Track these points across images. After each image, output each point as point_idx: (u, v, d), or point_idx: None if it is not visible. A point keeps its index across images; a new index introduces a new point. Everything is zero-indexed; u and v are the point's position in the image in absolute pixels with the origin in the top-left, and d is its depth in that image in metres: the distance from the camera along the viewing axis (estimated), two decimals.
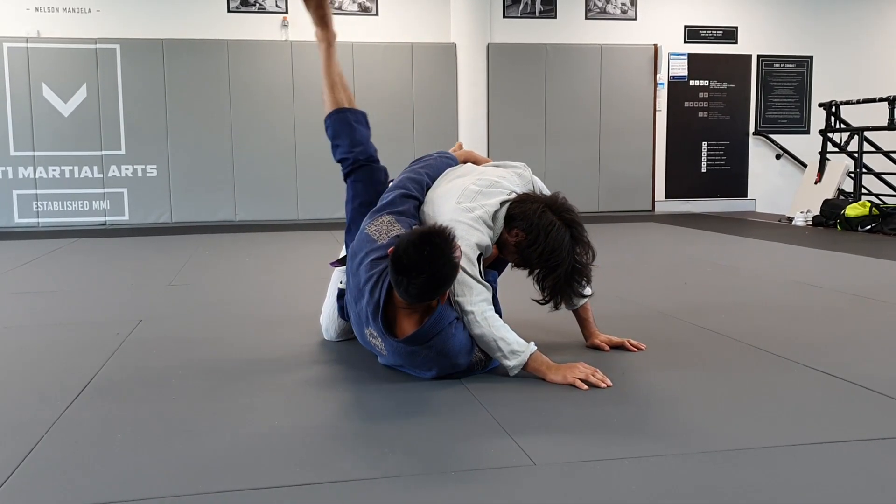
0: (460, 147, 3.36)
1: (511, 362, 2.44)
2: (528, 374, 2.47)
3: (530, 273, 2.57)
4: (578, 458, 1.84)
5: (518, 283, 2.81)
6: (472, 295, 2.45)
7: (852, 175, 8.40)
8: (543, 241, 2.46)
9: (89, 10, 8.58)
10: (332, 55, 3.08)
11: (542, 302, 2.58)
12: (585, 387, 2.35)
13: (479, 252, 2.52)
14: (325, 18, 3.10)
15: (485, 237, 2.54)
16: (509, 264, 2.73)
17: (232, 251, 6.23)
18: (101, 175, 8.60)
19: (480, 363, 2.50)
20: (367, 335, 2.54)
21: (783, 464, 1.80)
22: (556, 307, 2.59)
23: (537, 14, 9.51)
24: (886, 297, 3.88)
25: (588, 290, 2.78)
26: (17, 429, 2.08)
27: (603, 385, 2.37)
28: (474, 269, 2.48)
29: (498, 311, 2.62)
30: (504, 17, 9.43)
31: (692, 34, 9.87)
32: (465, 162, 3.01)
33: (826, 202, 7.90)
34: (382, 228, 2.59)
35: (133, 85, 8.59)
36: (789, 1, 10.06)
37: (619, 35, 9.66)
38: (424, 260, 2.24)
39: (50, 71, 8.41)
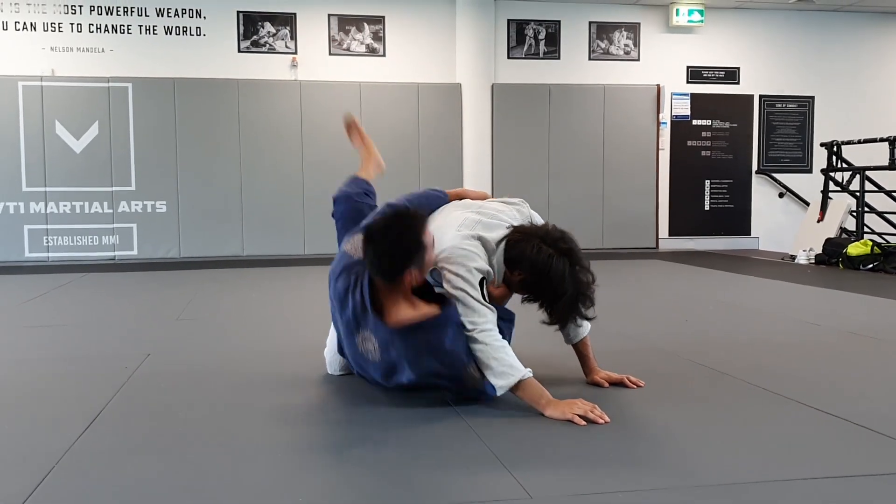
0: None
1: (500, 381, 2.47)
2: (526, 406, 2.51)
3: (541, 306, 2.66)
4: (574, 491, 1.88)
5: (520, 316, 2.86)
6: (476, 317, 2.51)
7: (854, 214, 8.46)
8: (546, 276, 2.55)
9: (103, 50, 8.76)
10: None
11: (549, 323, 2.68)
12: (583, 423, 2.39)
13: (481, 276, 2.57)
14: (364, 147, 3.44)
15: (485, 264, 2.60)
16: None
17: (239, 286, 6.29)
18: (110, 210, 8.71)
19: (473, 380, 2.52)
20: (358, 344, 2.57)
21: (777, 499, 1.84)
22: (564, 327, 2.76)
23: (541, 55, 9.67)
24: (886, 336, 3.91)
25: (586, 325, 2.84)
26: (29, 460, 2.13)
27: (601, 421, 2.40)
28: (477, 293, 2.53)
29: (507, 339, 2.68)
30: (508, 57, 9.59)
31: (694, 74, 10.01)
32: (456, 198, 3.04)
33: (828, 241, 7.95)
34: (358, 244, 2.62)
35: (144, 122, 8.74)
36: (790, 42, 10.21)
37: (622, 75, 9.81)
38: (391, 230, 2.41)
39: (63, 108, 8.57)
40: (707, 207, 10.16)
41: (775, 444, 2.24)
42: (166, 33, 8.88)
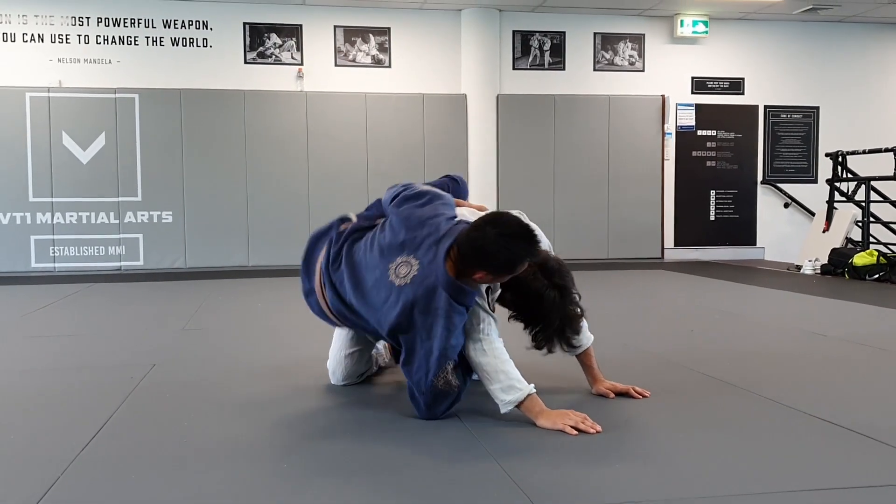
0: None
1: (508, 396, 2.49)
2: (526, 418, 2.51)
3: (525, 327, 2.70)
4: (579, 500, 1.89)
5: (519, 327, 2.87)
6: (482, 324, 2.56)
7: (860, 224, 8.45)
8: (536, 304, 2.60)
9: (110, 61, 8.82)
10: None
11: (534, 348, 2.70)
12: (574, 433, 2.40)
13: (487, 285, 2.64)
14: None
15: None
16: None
17: (245, 296, 6.31)
18: (117, 221, 8.75)
19: (448, 385, 2.51)
20: (393, 266, 2.55)
21: None
22: (550, 351, 2.72)
23: (546, 66, 9.69)
24: (892, 346, 3.91)
25: (583, 339, 2.84)
26: (36, 469, 2.14)
27: (592, 431, 2.41)
28: (483, 301, 2.59)
29: None
30: (513, 69, 9.61)
31: (699, 85, 10.02)
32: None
33: (834, 251, 7.93)
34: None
35: (151, 133, 8.78)
36: (795, 53, 10.22)
37: (627, 86, 9.82)
38: (510, 237, 2.42)
39: (70, 119, 8.62)
40: (712, 218, 10.16)
41: (781, 454, 2.24)
42: (173, 45, 8.93)
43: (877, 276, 7.25)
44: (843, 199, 8.70)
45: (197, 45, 8.98)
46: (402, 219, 2.68)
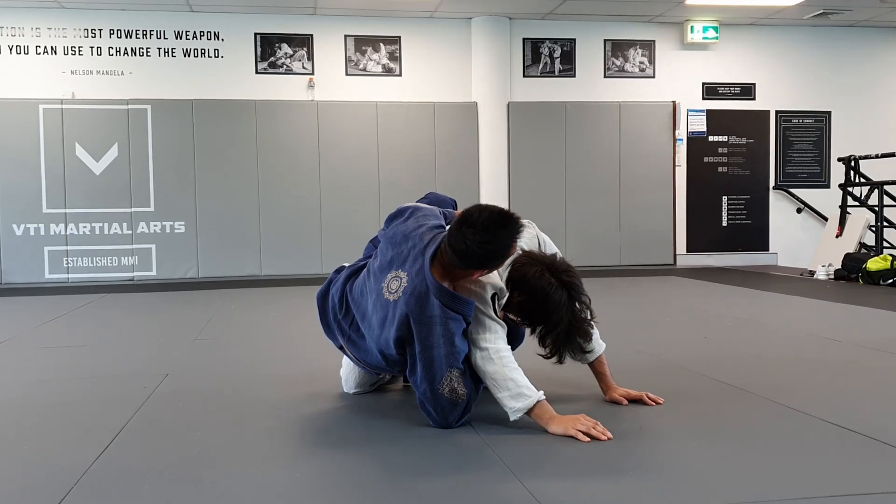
0: None
1: (517, 404, 2.48)
2: (538, 425, 2.50)
3: (533, 331, 2.67)
4: None
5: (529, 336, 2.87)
6: (488, 332, 2.54)
7: (873, 228, 8.40)
8: (543, 302, 2.54)
9: (122, 73, 8.88)
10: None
11: (547, 357, 2.66)
12: (587, 439, 2.39)
13: (493, 292, 2.61)
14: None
15: (498, 280, 2.63)
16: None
17: (257, 306, 6.32)
18: (129, 231, 8.79)
19: (454, 393, 2.50)
20: (386, 281, 2.57)
21: None
22: (561, 361, 2.67)
23: (556, 73, 9.70)
24: None
25: (595, 346, 2.83)
26: (50, 479, 2.15)
27: (604, 438, 2.40)
28: (488, 309, 2.57)
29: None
30: (524, 76, 9.62)
31: (710, 91, 10.00)
32: None
33: (847, 256, 7.89)
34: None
35: (163, 144, 8.83)
36: (806, 57, 10.18)
37: (638, 92, 9.81)
38: (489, 230, 2.39)
39: (83, 131, 8.68)
40: (724, 223, 10.12)
41: (795, 461, 2.23)
42: (185, 56, 8.99)
43: (891, 280, 7.21)
44: (856, 203, 8.66)
45: (208, 56, 9.04)
46: (388, 238, 2.72)
